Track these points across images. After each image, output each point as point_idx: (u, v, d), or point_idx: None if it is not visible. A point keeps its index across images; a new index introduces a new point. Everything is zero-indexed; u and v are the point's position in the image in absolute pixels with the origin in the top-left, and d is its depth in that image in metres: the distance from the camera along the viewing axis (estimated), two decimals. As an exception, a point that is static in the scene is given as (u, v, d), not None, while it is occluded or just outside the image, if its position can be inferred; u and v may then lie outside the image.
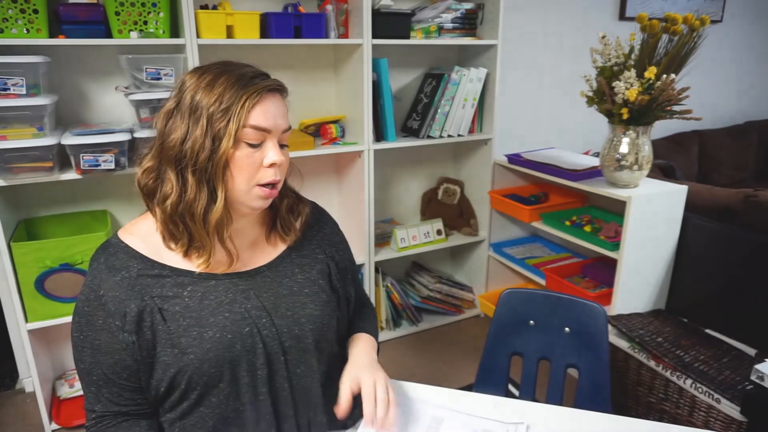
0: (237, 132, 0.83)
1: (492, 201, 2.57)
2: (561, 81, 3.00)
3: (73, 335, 0.90)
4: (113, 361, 0.87)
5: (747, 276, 1.89)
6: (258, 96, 0.85)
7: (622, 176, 1.96)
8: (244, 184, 0.87)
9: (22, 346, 2.04)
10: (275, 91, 0.89)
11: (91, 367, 0.88)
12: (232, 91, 0.83)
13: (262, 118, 0.85)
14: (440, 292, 2.65)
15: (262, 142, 0.87)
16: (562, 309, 1.34)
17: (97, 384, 0.89)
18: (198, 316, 0.88)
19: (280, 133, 0.89)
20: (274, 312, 0.93)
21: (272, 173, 0.88)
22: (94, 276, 0.89)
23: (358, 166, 2.27)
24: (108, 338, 0.86)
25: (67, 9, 1.69)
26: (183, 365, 0.86)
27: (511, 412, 1.02)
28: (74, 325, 0.90)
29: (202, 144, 0.83)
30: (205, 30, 1.83)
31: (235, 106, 0.83)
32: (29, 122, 1.66)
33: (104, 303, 0.86)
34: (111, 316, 0.86)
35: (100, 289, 0.87)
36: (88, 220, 2.02)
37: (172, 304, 0.88)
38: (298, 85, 2.30)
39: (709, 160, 3.57)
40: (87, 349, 0.88)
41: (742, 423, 1.52)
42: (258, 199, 0.89)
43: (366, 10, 2.04)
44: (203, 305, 0.89)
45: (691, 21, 1.74)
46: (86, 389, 0.90)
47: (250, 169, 0.86)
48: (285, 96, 0.92)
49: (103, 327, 0.87)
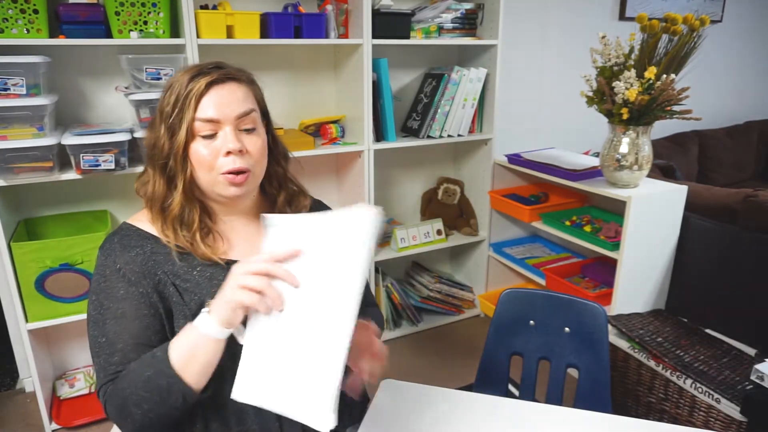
0: (189, 126, 0.89)
1: (492, 201, 2.57)
2: (561, 81, 2.99)
3: (90, 315, 0.91)
4: (143, 326, 0.88)
5: (747, 276, 1.89)
6: (205, 89, 0.89)
7: (622, 176, 1.96)
8: (207, 175, 0.91)
9: (22, 346, 2.04)
10: (230, 80, 0.92)
11: (115, 336, 0.87)
12: (182, 89, 0.89)
13: (208, 110, 0.89)
14: (440, 292, 2.65)
15: (216, 132, 0.90)
16: (562, 309, 1.34)
17: (123, 352, 0.86)
18: (209, 293, 0.90)
19: (234, 120, 0.91)
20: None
21: (231, 161, 0.90)
22: (107, 255, 0.91)
23: (358, 166, 2.27)
24: (133, 305, 0.88)
25: (67, 9, 1.69)
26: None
27: (511, 412, 1.02)
28: (91, 305, 0.91)
29: (164, 142, 0.91)
30: (205, 30, 1.83)
31: (184, 102, 0.89)
32: (29, 122, 1.66)
33: (123, 274, 0.89)
34: (133, 285, 0.89)
35: (116, 264, 0.90)
36: (88, 220, 2.02)
37: (183, 281, 0.91)
38: (298, 85, 2.30)
39: (709, 160, 3.57)
40: (109, 320, 0.88)
41: (742, 423, 1.52)
42: (226, 187, 0.92)
43: (366, 10, 2.04)
44: (212, 284, 0.92)
45: (691, 21, 1.74)
46: (105, 362, 0.87)
47: (209, 160, 0.90)
48: (245, 82, 0.95)
49: (125, 296, 0.89)
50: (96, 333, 0.89)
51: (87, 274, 1.81)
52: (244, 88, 0.94)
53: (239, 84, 0.93)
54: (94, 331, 0.89)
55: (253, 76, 0.99)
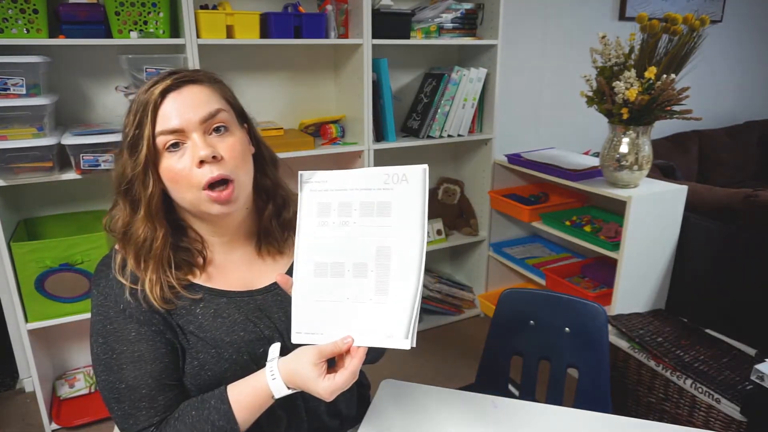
0: (149, 141, 0.80)
1: (492, 201, 2.57)
2: (561, 81, 2.99)
3: (99, 358, 0.84)
4: (164, 365, 0.83)
5: (747, 276, 1.89)
6: (160, 98, 0.81)
7: (622, 176, 1.96)
8: (188, 193, 0.82)
9: (22, 346, 2.04)
10: (187, 83, 0.83)
11: (137, 381, 0.82)
12: (139, 104, 0.81)
13: (168, 120, 0.80)
14: (440, 292, 2.65)
15: (183, 142, 0.81)
16: (562, 309, 1.34)
17: (150, 396, 0.82)
18: (213, 336, 0.86)
19: (199, 125, 0.81)
20: (286, 333, 0.87)
21: (207, 170, 0.81)
22: (106, 294, 0.84)
23: (358, 166, 2.27)
24: (149, 346, 0.82)
25: (67, 9, 1.69)
26: (201, 379, 0.85)
27: (511, 412, 1.02)
28: (99, 347, 0.84)
29: (128, 166, 0.82)
30: (205, 30, 1.83)
31: (142, 117, 0.80)
32: (29, 122, 1.66)
33: (130, 315, 0.83)
34: (144, 325, 0.83)
35: (119, 305, 0.83)
36: (88, 220, 2.02)
37: (186, 321, 0.86)
38: (298, 85, 2.30)
39: (709, 160, 3.57)
40: (126, 365, 0.82)
41: (742, 423, 1.52)
42: (210, 205, 0.83)
43: (366, 10, 2.04)
44: (217, 323, 0.87)
45: (691, 21, 1.74)
46: (132, 408, 0.82)
47: (184, 175, 0.81)
48: (207, 82, 0.85)
49: (138, 338, 0.82)
50: (112, 378, 0.83)
51: (87, 274, 1.81)
52: (206, 89, 0.84)
53: (199, 86, 0.84)
54: (109, 376, 0.83)
55: (216, 75, 0.89)
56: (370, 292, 0.79)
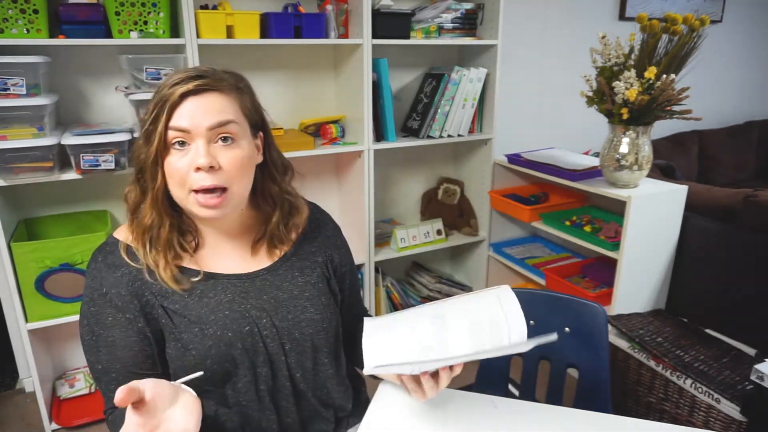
0: (161, 135, 0.83)
1: (492, 201, 2.57)
2: (561, 81, 2.99)
3: (84, 339, 0.89)
4: (132, 354, 0.87)
5: (747, 276, 1.89)
6: (180, 99, 0.83)
7: (622, 176, 1.96)
8: (178, 190, 0.85)
9: (22, 346, 2.04)
10: (208, 90, 0.85)
11: (109, 365, 0.87)
12: (160, 97, 0.84)
13: (180, 120, 0.83)
14: (440, 292, 2.65)
15: (189, 143, 0.84)
16: (562, 309, 1.34)
17: (117, 381, 0.86)
18: (198, 314, 0.88)
19: (206, 132, 0.83)
20: (274, 314, 0.93)
21: (201, 177, 0.83)
22: (94, 276, 0.89)
23: (358, 166, 2.27)
24: (122, 333, 0.87)
25: (67, 9, 1.69)
26: (185, 360, 0.87)
27: (511, 412, 1.02)
28: (83, 328, 0.89)
29: (142, 150, 0.87)
30: (205, 30, 1.83)
31: (159, 110, 0.83)
32: (29, 122, 1.66)
33: (110, 299, 0.87)
34: (120, 311, 0.87)
35: (102, 288, 0.88)
36: (88, 220, 2.02)
37: (172, 302, 0.89)
38: (298, 85, 2.30)
39: (709, 160, 3.57)
40: (102, 348, 0.87)
41: (741, 423, 1.52)
42: (197, 208, 0.85)
43: (366, 10, 2.04)
44: (202, 303, 0.89)
45: (691, 21, 1.74)
46: (105, 389, 0.89)
47: (180, 174, 0.84)
48: (228, 90, 0.87)
49: (113, 324, 0.87)
50: (93, 359, 0.89)
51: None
52: (224, 98, 0.86)
53: (220, 94, 0.86)
54: (90, 356, 0.89)
55: (243, 82, 0.92)
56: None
